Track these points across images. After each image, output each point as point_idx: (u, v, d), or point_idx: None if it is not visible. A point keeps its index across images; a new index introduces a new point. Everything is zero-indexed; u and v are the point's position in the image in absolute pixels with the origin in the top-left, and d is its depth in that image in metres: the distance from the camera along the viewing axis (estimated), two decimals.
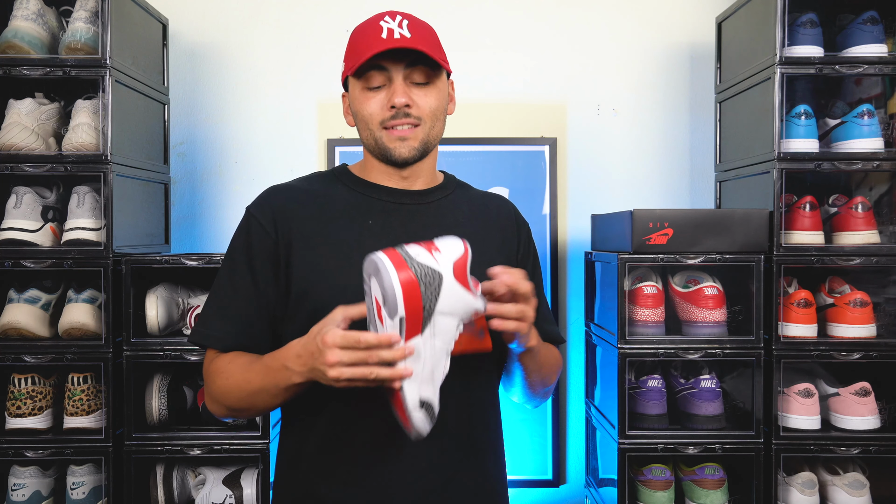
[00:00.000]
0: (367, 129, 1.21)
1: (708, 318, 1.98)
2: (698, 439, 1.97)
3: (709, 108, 2.50)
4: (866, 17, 2.01)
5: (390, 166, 1.23)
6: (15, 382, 1.97)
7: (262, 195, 1.24)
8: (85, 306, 1.98)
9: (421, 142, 1.20)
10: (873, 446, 1.95)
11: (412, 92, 1.18)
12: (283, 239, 1.17)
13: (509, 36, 2.54)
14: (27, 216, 1.98)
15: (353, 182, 1.25)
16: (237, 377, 1.14)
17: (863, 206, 2.00)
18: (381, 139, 1.19)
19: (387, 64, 1.16)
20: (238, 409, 1.17)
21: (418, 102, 1.18)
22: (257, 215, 1.20)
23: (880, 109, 2.12)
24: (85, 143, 1.96)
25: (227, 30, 2.52)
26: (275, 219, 1.18)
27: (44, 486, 2.04)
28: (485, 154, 2.51)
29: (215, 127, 2.52)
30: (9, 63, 1.95)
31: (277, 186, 1.25)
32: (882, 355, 1.97)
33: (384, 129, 1.19)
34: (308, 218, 1.19)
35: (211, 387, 1.18)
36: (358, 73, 1.18)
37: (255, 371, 1.12)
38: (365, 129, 1.21)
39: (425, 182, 1.26)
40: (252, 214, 1.20)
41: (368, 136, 1.21)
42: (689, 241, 1.98)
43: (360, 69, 1.16)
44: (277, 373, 1.07)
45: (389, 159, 1.20)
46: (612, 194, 2.52)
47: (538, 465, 2.51)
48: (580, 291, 2.50)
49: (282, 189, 1.24)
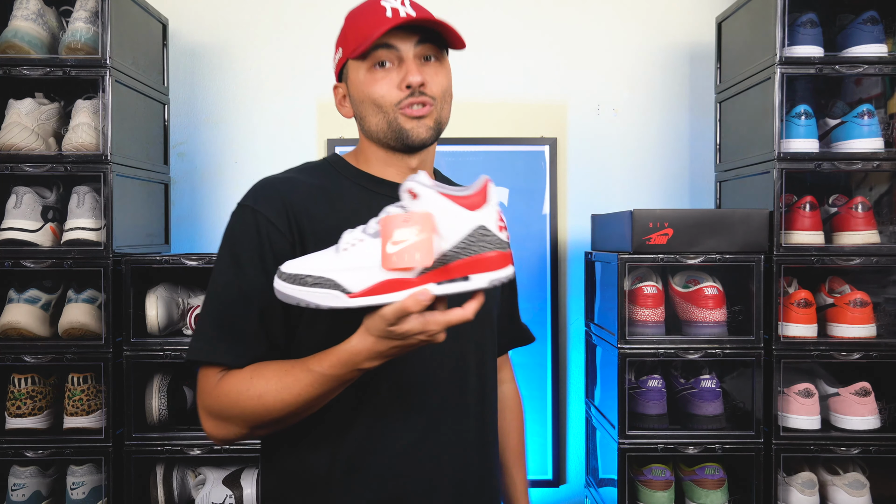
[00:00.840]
0: (378, 114, 1.11)
1: (708, 318, 1.98)
2: (698, 439, 1.97)
3: (709, 108, 2.50)
4: (866, 17, 2.01)
5: (401, 154, 1.15)
6: (15, 382, 1.97)
7: (265, 189, 1.11)
8: (85, 306, 1.98)
9: (436, 122, 1.13)
10: (873, 446, 1.95)
11: (424, 70, 1.11)
12: (298, 240, 1.07)
13: (509, 36, 2.54)
14: (27, 216, 1.98)
15: (356, 176, 1.17)
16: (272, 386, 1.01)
17: (863, 206, 2.00)
18: (395, 121, 1.10)
19: (396, 42, 1.09)
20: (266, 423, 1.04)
21: (431, 81, 1.11)
22: (266, 212, 1.07)
23: (880, 109, 2.12)
24: (85, 143, 1.96)
25: (227, 30, 2.52)
26: (288, 217, 1.07)
27: (44, 486, 2.04)
28: (485, 154, 2.51)
29: (215, 127, 2.52)
30: (9, 63, 1.95)
31: (276, 178, 1.14)
32: (882, 355, 1.97)
33: (400, 110, 1.10)
34: (320, 216, 1.09)
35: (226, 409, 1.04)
36: (364, 55, 1.10)
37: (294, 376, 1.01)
38: (375, 115, 1.12)
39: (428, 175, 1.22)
40: (258, 211, 1.07)
41: (380, 122, 1.12)
42: (689, 241, 1.98)
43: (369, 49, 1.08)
44: (345, 370, 0.98)
45: (405, 143, 1.12)
46: (612, 194, 2.53)
47: (538, 465, 2.51)
48: (580, 291, 2.50)
49: (285, 182, 1.12)
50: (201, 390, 1.07)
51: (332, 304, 0.92)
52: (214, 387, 1.05)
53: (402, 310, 0.90)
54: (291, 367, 1.02)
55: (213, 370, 1.06)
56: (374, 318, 0.93)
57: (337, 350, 0.98)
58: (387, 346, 0.95)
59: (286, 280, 0.94)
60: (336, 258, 0.94)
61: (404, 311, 0.90)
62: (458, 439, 1.14)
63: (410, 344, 0.95)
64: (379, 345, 0.95)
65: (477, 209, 0.92)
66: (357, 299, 0.92)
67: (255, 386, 1.02)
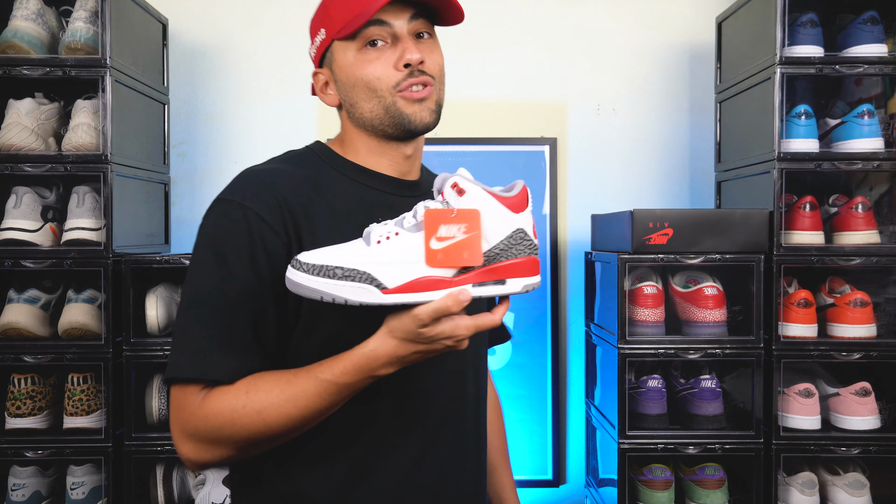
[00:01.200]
0: (372, 99, 1.01)
1: (708, 318, 1.98)
2: (698, 439, 1.97)
3: (709, 108, 2.50)
4: (866, 17, 2.01)
5: (397, 142, 1.05)
6: (15, 382, 1.97)
7: (253, 182, 0.99)
8: (85, 306, 1.98)
9: (436, 103, 1.03)
10: (873, 446, 1.95)
11: (420, 47, 1.01)
12: (295, 238, 0.96)
13: (509, 36, 2.54)
14: (27, 216, 1.98)
15: (346, 167, 1.06)
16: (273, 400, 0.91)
17: (863, 206, 2.00)
18: (394, 106, 1.00)
19: (388, 18, 0.99)
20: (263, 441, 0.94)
21: (428, 59, 1.01)
22: (256, 208, 0.96)
23: (880, 109, 2.12)
24: (85, 143, 1.96)
25: (227, 30, 2.52)
26: (282, 213, 0.96)
27: (43, 487, 2.04)
28: (485, 154, 2.51)
29: (215, 127, 2.52)
30: (9, 63, 1.95)
31: (262, 170, 1.03)
32: (882, 355, 1.96)
33: (399, 93, 1.00)
34: (315, 213, 0.99)
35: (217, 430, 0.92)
36: (353, 34, 1.00)
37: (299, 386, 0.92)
38: (369, 100, 1.01)
39: (418, 167, 1.12)
40: (247, 207, 0.96)
41: (375, 107, 1.01)
42: (689, 241, 1.98)
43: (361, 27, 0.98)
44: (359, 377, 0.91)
45: (407, 129, 1.02)
46: (612, 194, 2.52)
47: (538, 465, 2.51)
48: (580, 291, 2.50)
49: (273, 174, 1.01)
50: (181, 410, 0.94)
51: (363, 300, 0.86)
52: (199, 406, 0.93)
53: (441, 310, 0.85)
54: (294, 376, 0.93)
55: (194, 388, 0.94)
56: (402, 318, 0.87)
57: (350, 355, 0.90)
58: (410, 350, 0.89)
59: (308, 271, 0.86)
60: (369, 251, 0.87)
61: (443, 312, 0.85)
62: (458, 452, 1.09)
63: (435, 349, 0.89)
64: (401, 348, 0.88)
65: (520, 212, 0.90)
66: (391, 296, 0.86)
67: (253, 401, 0.91)
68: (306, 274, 0.86)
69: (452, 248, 0.86)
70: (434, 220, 0.86)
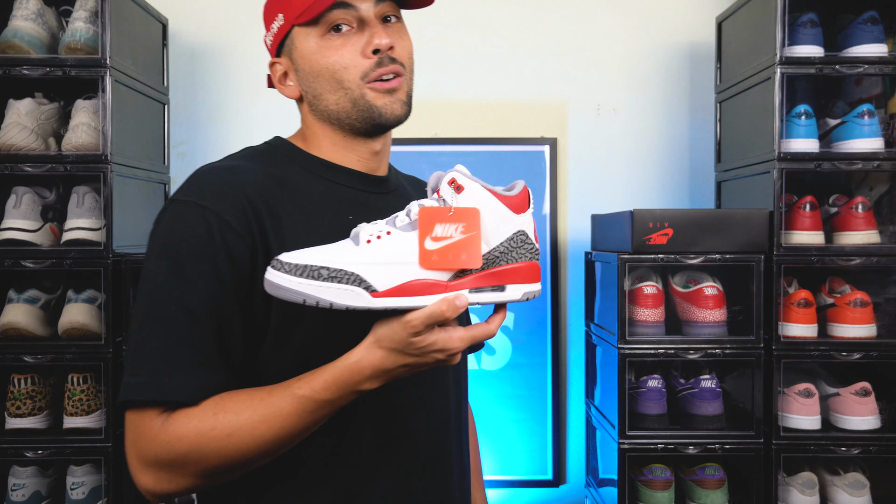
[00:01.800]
0: (337, 91, 0.93)
1: (708, 318, 1.98)
2: (698, 439, 1.97)
3: (709, 108, 2.50)
4: (866, 17, 2.01)
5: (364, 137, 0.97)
6: (14, 382, 1.97)
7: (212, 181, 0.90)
8: (84, 306, 1.98)
9: (408, 94, 0.95)
10: (873, 446, 1.95)
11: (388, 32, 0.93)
12: (260, 242, 0.88)
13: (509, 36, 2.54)
14: (27, 216, 1.98)
15: (311, 163, 0.98)
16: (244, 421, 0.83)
17: (863, 206, 2.00)
18: (363, 99, 0.92)
19: (353, 0, 0.91)
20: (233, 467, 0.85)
21: (398, 45, 0.93)
22: (218, 210, 0.87)
23: (880, 109, 2.12)
24: (85, 143, 1.96)
25: (227, 30, 2.52)
26: (247, 215, 0.88)
27: (43, 487, 2.04)
28: (485, 154, 2.51)
29: (215, 127, 2.52)
30: (9, 63, 1.95)
31: (221, 167, 0.94)
32: (882, 355, 1.96)
33: (367, 83, 0.92)
34: (280, 213, 0.90)
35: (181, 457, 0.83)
36: (315, 19, 0.91)
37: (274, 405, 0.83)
38: (334, 91, 0.93)
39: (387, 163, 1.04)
40: (207, 209, 0.87)
41: (341, 100, 0.93)
42: (689, 241, 1.98)
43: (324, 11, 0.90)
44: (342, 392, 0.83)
45: (376, 123, 0.94)
46: (612, 194, 2.52)
47: (538, 465, 2.51)
48: (580, 291, 2.50)
49: (233, 172, 0.92)
50: (138, 436, 0.84)
51: (350, 304, 0.78)
52: (160, 431, 0.83)
53: (436, 316, 0.78)
54: (268, 394, 0.84)
55: (153, 411, 0.84)
56: (391, 325, 0.80)
57: (331, 368, 0.82)
58: (399, 362, 0.81)
59: (290, 272, 0.78)
60: (357, 251, 0.80)
61: (437, 318, 0.78)
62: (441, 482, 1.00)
63: (425, 363, 0.82)
64: (389, 360, 0.81)
65: (521, 213, 0.84)
66: (381, 299, 0.78)
67: (222, 423, 0.82)
68: (288, 275, 0.78)
69: (449, 248, 0.79)
70: (429, 219, 0.80)
